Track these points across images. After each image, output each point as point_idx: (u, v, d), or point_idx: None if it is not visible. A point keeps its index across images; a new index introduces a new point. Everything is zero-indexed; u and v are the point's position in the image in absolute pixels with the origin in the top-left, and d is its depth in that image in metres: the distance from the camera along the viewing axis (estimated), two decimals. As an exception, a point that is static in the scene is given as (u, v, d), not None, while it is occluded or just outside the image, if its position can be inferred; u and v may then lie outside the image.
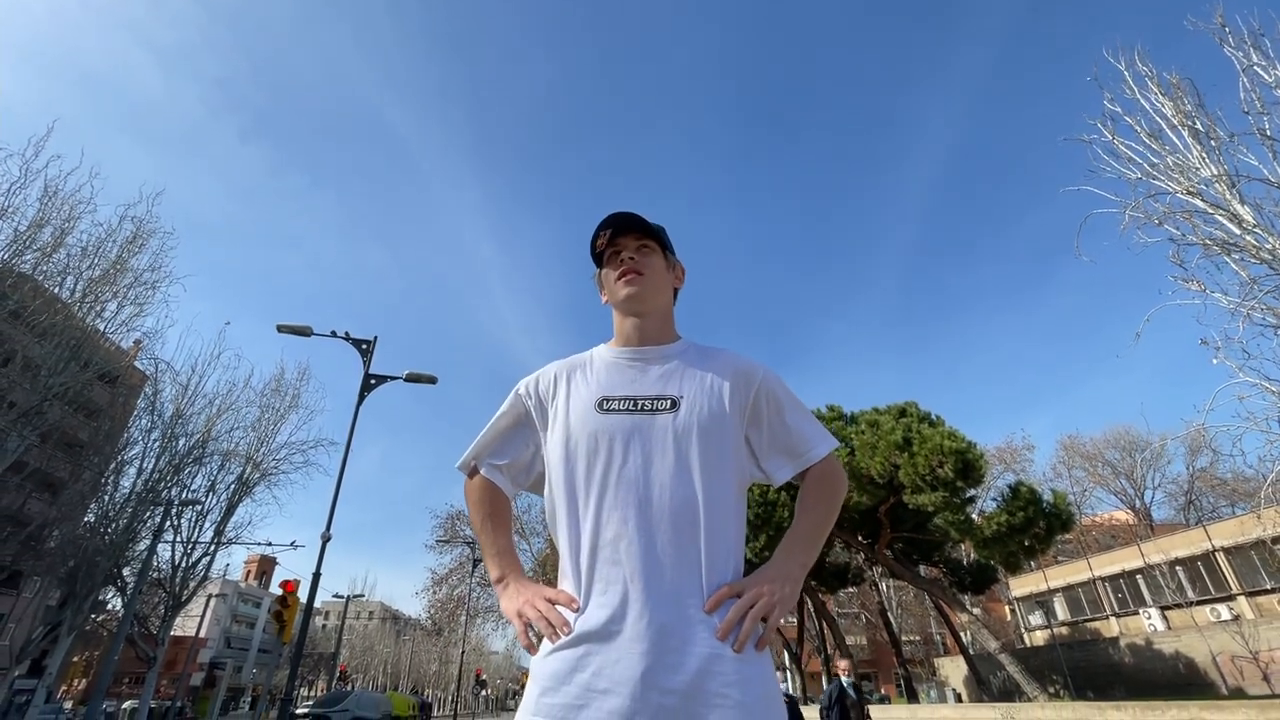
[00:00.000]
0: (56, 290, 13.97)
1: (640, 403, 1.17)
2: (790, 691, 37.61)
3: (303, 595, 12.01)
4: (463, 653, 32.20)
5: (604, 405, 1.18)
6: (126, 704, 41.97)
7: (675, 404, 1.15)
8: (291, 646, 10.39)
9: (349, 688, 43.38)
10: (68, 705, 39.27)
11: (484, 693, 62.85)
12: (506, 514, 1.29)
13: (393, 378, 12.96)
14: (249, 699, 70.32)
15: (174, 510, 19.02)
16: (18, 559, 20.67)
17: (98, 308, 14.35)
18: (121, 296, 14.60)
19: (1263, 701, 11.80)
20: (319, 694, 37.00)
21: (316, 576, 10.86)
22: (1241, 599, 21.99)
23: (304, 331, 12.53)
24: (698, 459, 1.11)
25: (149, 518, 18.90)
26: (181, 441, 19.22)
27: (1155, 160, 8.25)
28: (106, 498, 18.97)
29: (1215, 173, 7.61)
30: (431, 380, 13.42)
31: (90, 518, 20.07)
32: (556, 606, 1.07)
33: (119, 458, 19.12)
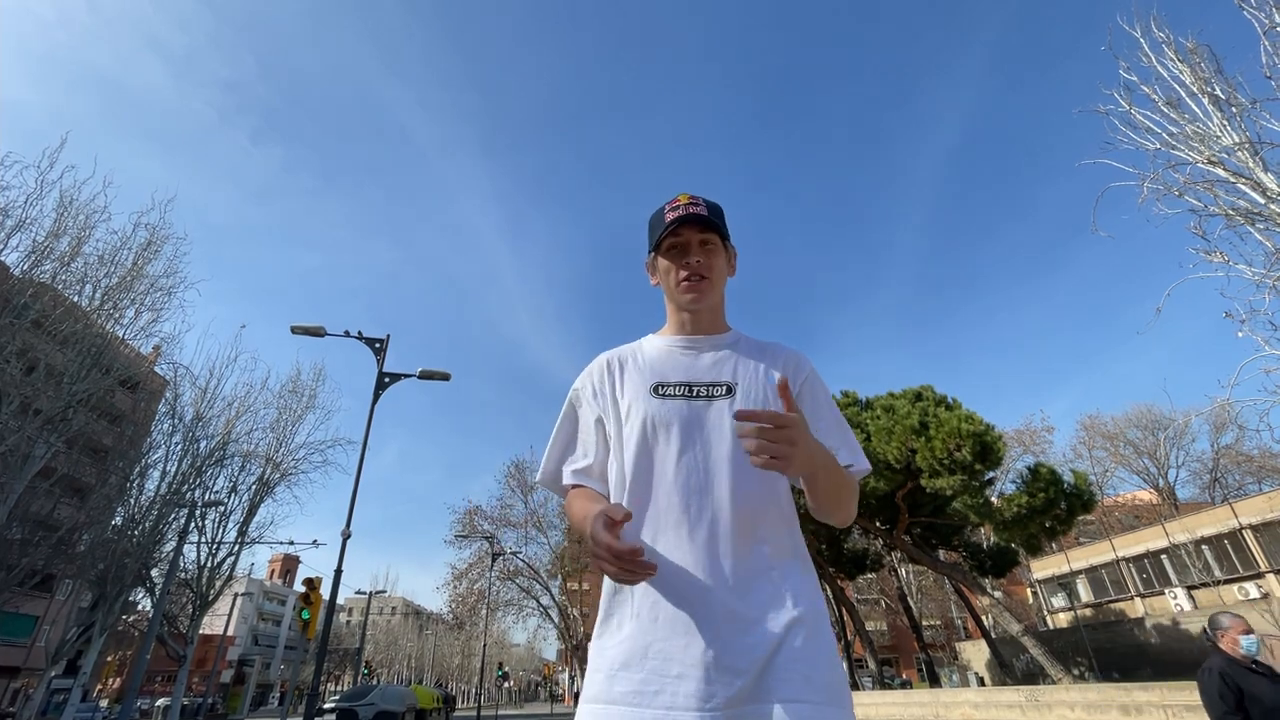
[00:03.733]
0: (75, 298, 14.25)
1: (696, 389, 1.17)
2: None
3: (325, 592, 12.22)
4: (484, 646, 32.57)
5: (660, 390, 1.18)
6: (160, 701, 43.02)
7: (731, 390, 1.16)
8: (316, 642, 10.55)
9: (374, 682, 44.13)
10: (103, 704, 40.37)
11: (507, 684, 63.63)
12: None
13: (406, 375, 13.05)
14: (277, 695, 71.86)
15: (198, 511, 19.39)
16: (50, 563, 21.20)
17: (116, 314, 14.64)
18: (139, 303, 14.90)
19: (1294, 679, 11.60)
20: (344, 688, 37.70)
21: (338, 573, 11.02)
22: (1270, 577, 21.62)
23: (317, 332, 12.63)
24: None
25: (174, 519, 19.30)
26: (203, 444, 19.60)
27: (1174, 129, 8.03)
28: (132, 501, 19.39)
29: (1237, 140, 7.40)
30: (445, 377, 13.50)
31: (117, 520, 20.54)
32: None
33: (143, 461, 19.50)
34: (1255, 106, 7.27)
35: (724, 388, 1.16)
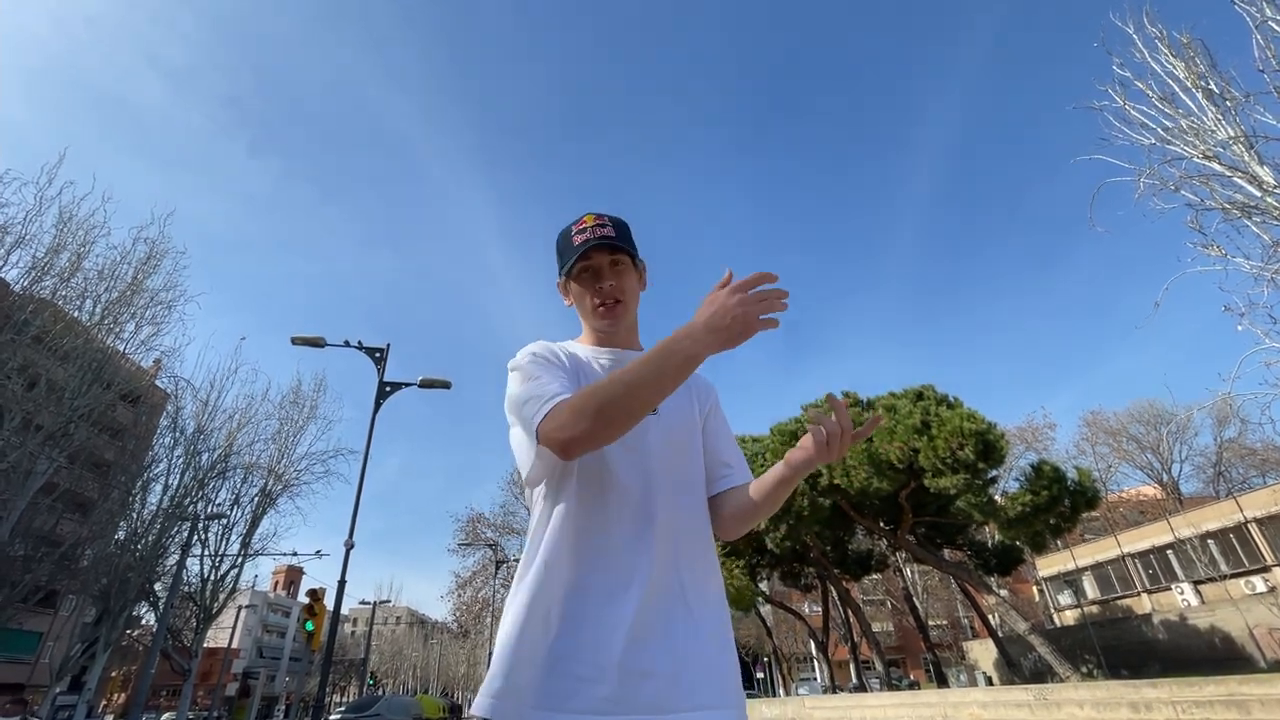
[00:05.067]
0: (76, 313, 14.27)
1: None
2: (819, 679, 37.45)
3: (330, 602, 12.18)
4: (489, 654, 32.45)
5: None
6: (165, 716, 42.86)
7: (656, 410, 1.16)
8: (321, 654, 10.52)
9: (380, 692, 43.90)
10: (109, 719, 40.20)
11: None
12: None
13: (407, 384, 13.06)
14: (283, 707, 71.66)
15: (200, 524, 19.36)
16: (53, 578, 21.17)
17: (116, 329, 14.64)
18: (139, 317, 14.90)
19: (1304, 673, 11.56)
20: (350, 699, 37.51)
21: (341, 584, 10.99)
22: (1277, 570, 21.55)
23: (317, 343, 12.64)
24: (680, 459, 1.21)
25: (176, 532, 19.27)
26: (204, 457, 19.58)
27: (1169, 124, 8.05)
28: (135, 515, 19.37)
29: (1232, 134, 7.41)
30: (446, 385, 13.49)
31: (120, 535, 20.52)
32: None
33: (145, 475, 19.49)
34: (1249, 100, 7.28)
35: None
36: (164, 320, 15.70)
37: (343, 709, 17.23)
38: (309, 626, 9.57)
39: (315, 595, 9.71)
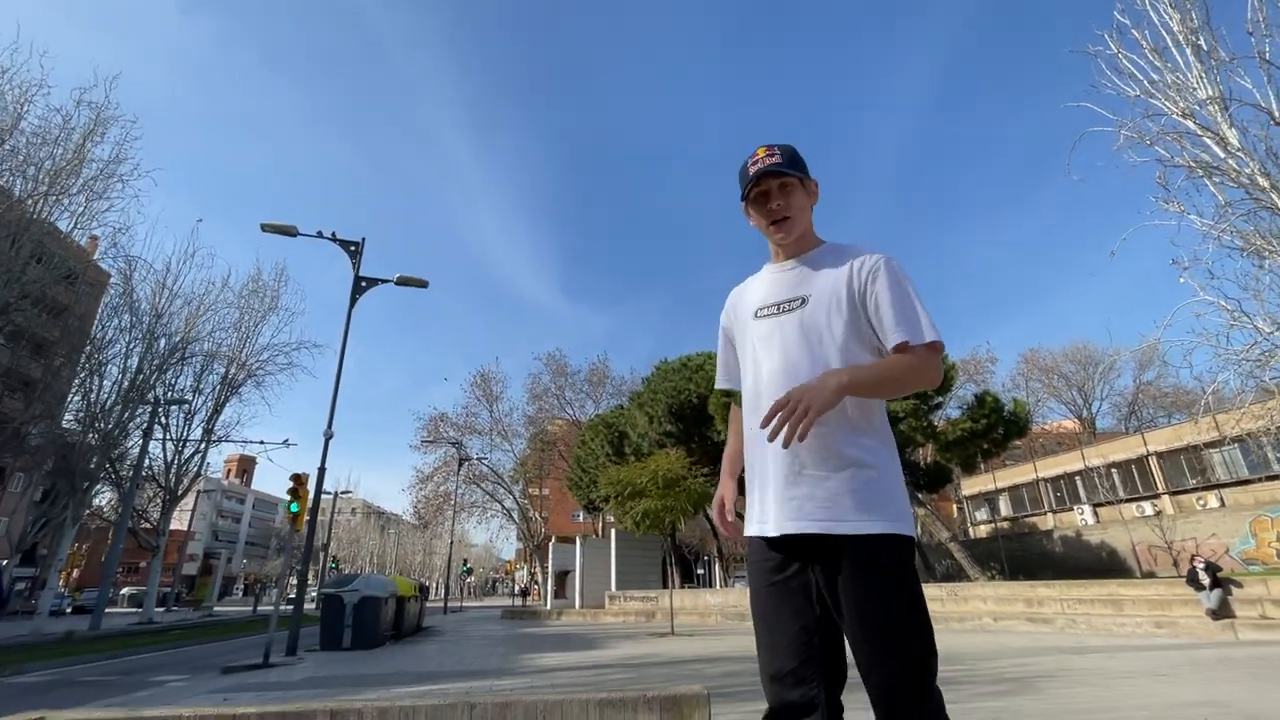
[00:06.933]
0: (19, 181, 13.10)
1: (781, 305, 1.46)
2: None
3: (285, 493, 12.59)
4: (451, 544, 34.12)
5: (759, 314, 1.50)
6: (125, 590, 43.94)
7: (805, 301, 1.43)
8: (299, 537, 11.06)
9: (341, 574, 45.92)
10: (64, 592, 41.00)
11: (469, 579, 67.16)
12: (738, 424, 1.64)
13: (384, 281, 12.92)
14: (241, 586, 74.23)
15: (161, 409, 19.15)
16: (-1, 455, 20.78)
17: (64, 201, 13.59)
18: (88, 190, 13.80)
19: (1169, 580, 13.60)
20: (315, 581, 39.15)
21: (321, 471, 11.38)
22: (1165, 497, 24.34)
23: (289, 231, 12.24)
24: (826, 342, 1.37)
25: (137, 416, 19.02)
26: (163, 341, 19.03)
27: (1155, 77, 8.31)
28: (93, 396, 18.93)
29: (1210, 94, 7.74)
30: (422, 284, 13.41)
31: (70, 416, 20.11)
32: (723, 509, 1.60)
33: (98, 357, 18.89)
34: (1233, 62, 7.57)
35: (800, 300, 1.43)
36: (116, 196, 14.58)
37: (323, 586, 18.11)
38: (294, 508, 9.99)
39: (299, 480, 10.07)
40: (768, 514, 1.34)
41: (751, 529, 1.40)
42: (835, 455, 1.30)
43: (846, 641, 1.25)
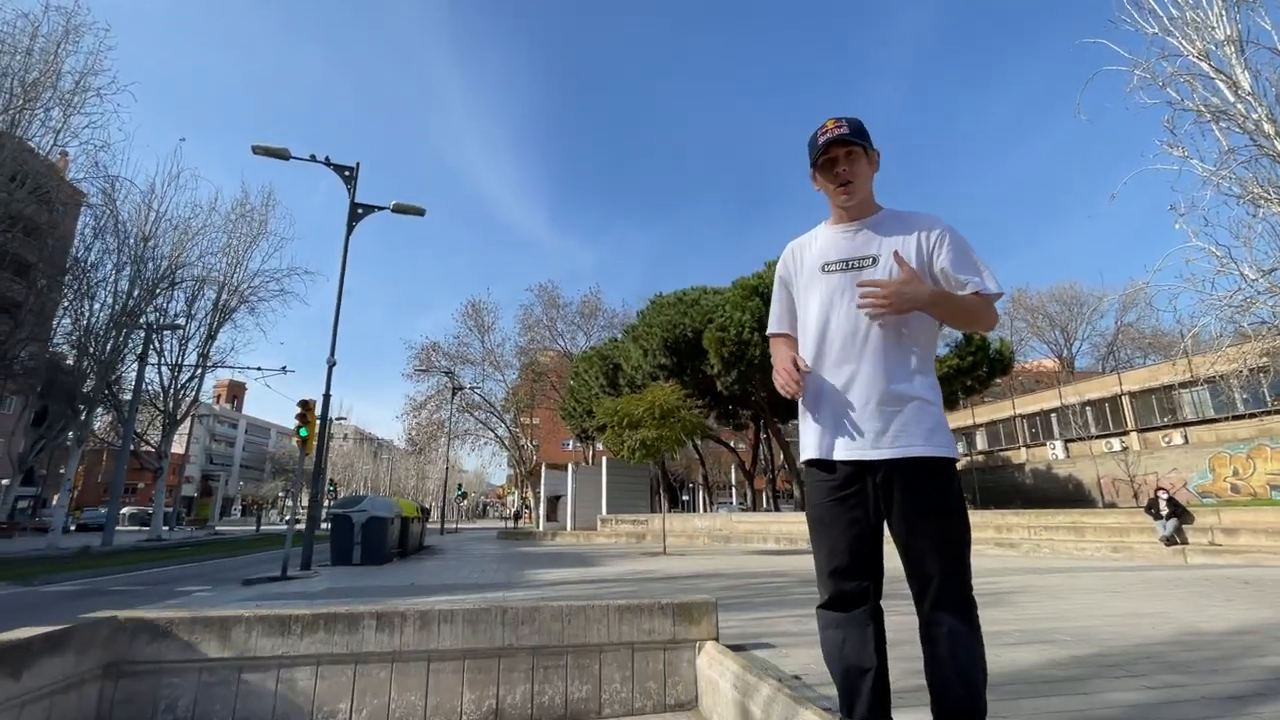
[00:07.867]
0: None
1: (850, 262, 1.62)
2: (734, 503, 42.95)
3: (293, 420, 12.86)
4: (446, 470, 35.09)
5: (826, 268, 1.65)
6: (125, 509, 45.00)
7: (875, 260, 1.59)
8: (308, 461, 11.42)
9: (338, 496, 47.26)
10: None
11: (463, 503, 69.48)
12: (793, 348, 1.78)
13: (380, 208, 12.72)
14: (239, 507, 76.23)
15: (155, 334, 19.06)
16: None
17: (40, 115, 12.93)
18: (64, 103, 13.10)
19: (1129, 510, 14.53)
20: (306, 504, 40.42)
21: (326, 397, 11.62)
22: (1134, 434, 25.44)
23: (282, 154, 11.90)
24: None
25: (130, 340, 18.92)
26: (150, 266, 18.67)
27: (1175, 13, 8.14)
28: (84, 321, 18.73)
29: (1229, 34, 7.64)
30: (420, 212, 13.23)
31: (61, 340, 19.94)
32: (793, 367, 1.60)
33: (86, 279, 18.55)
34: (1255, 1, 7.43)
35: (870, 259, 1.59)
36: (94, 109, 13.85)
37: (330, 506, 18.76)
38: (303, 433, 10.29)
39: (307, 405, 10.32)
40: (837, 441, 1.55)
41: (812, 453, 1.61)
42: (903, 394, 1.52)
43: (898, 545, 1.52)
